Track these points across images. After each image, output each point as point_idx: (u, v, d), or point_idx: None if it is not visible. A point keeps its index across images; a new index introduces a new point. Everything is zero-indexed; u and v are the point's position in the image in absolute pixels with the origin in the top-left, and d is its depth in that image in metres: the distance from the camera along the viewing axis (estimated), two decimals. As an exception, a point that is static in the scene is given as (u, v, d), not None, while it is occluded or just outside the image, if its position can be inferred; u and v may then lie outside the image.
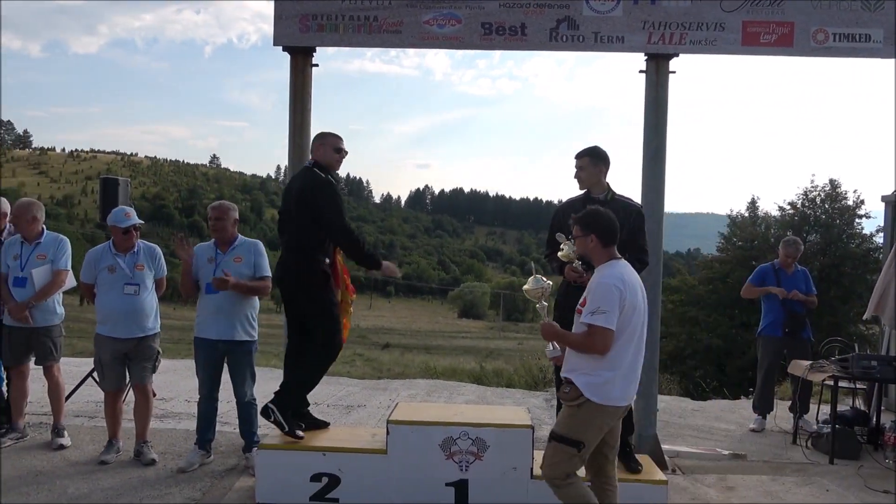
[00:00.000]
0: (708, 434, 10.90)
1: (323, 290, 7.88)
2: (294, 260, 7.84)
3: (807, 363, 10.30)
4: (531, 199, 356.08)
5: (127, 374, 8.94)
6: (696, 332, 37.85)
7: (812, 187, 41.21)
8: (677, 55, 8.98)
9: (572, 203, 7.77)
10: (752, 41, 8.91)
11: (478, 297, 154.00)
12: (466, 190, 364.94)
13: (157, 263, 8.97)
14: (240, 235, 8.79)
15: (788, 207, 41.42)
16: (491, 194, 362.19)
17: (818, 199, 40.76)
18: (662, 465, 8.62)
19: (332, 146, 7.97)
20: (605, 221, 6.16)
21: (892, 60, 8.84)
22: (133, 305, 8.69)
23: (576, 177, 7.76)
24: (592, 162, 7.65)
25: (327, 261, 7.85)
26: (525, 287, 6.67)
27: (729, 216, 44.38)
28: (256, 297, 8.73)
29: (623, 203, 7.67)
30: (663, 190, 9.06)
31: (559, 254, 7.22)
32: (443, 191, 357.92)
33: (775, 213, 42.45)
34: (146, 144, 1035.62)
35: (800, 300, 11.04)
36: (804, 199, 41.06)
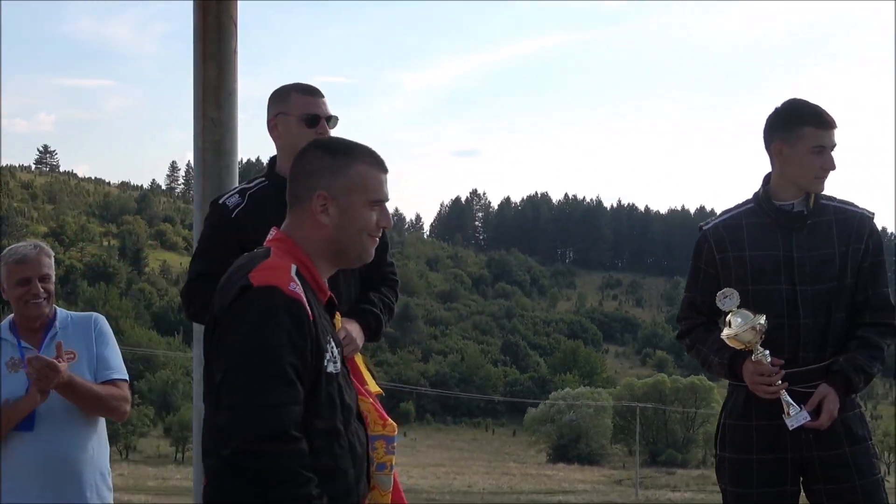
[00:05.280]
0: None
1: None
2: None
3: None
4: (689, 209, 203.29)
5: None
6: None
7: None
8: None
9: (737, 219, 4.29)
10: None
11: (588, 418, 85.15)
12: (555, 197, 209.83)
13: None
14: (59, 309, 4.64)
15: None
16: (608, 204, 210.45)
17: None
18: None
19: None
20: None
21: None
22: None
23: (824, 169, 4.08)
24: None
25: None
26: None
27: None
28: (105, 435, 4.71)
29: (839, 212, 4.20)
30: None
31: (724, 333, 4.08)
32: (508, 200, 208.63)
33: None
34: None
35: None
36: None
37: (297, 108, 4.11)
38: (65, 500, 4.38)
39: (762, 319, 3.92)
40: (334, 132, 4.17)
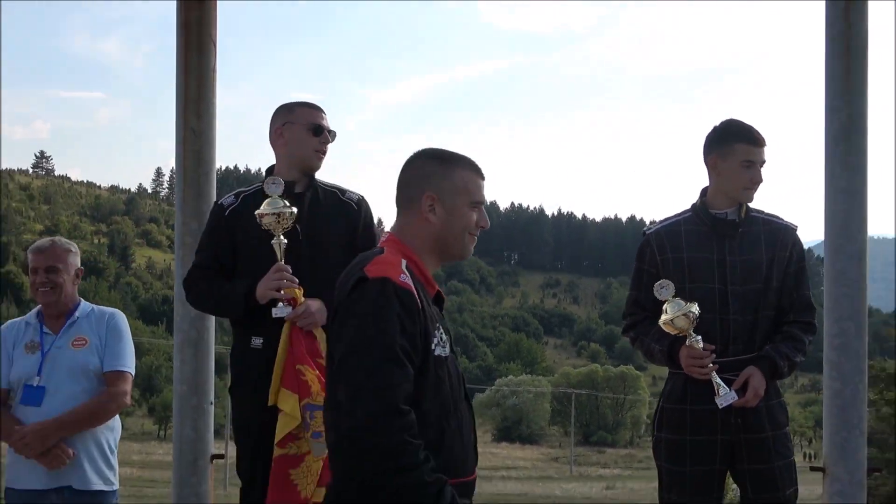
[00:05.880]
0: None
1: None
2: None
3: None
4: (622, 217, 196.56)
5: None
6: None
7: None
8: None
9: (676, 226, 4.23)
10: None
11: (528, 403, 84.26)
12: (502, 206, 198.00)
13: None
14: (83, 301, 4.53)
15: None
16: (549, 212, 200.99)
17: None
18: None
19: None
20: None
21: None
22: None
23: (753, 182, 4.08)
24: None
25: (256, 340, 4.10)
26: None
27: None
28: (115, 418, 4.54)
29: (768, 223, 4.17)
30: (865, 197, 4.59)
31: (661, 319, 3.97)
32: None
33: None
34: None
35: None
36: None
37: (303, 118, 4.11)
38: (65, 476, 4.25)
39: (694, 307, 3.88)
40: (331, 146, 4.17)
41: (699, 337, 3.90)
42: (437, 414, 2.67)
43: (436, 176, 2.84)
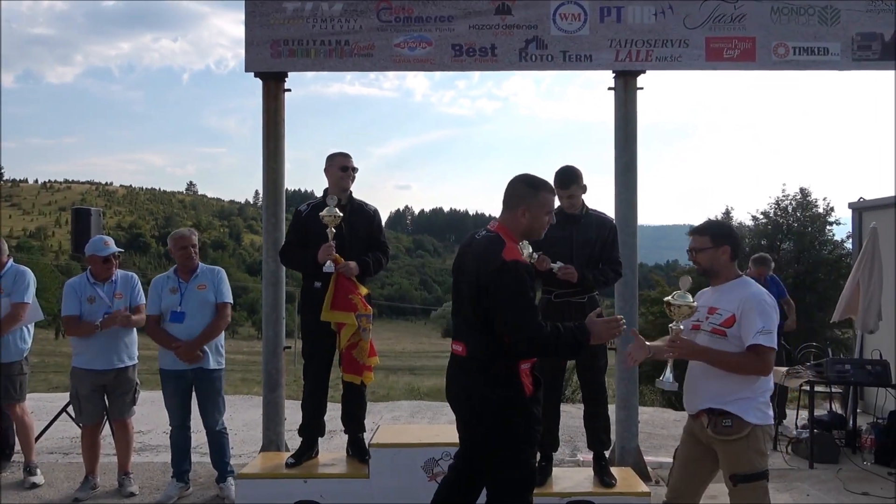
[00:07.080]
0: (690, 444, 5.82)
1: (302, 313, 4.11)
2: None
3: (783, 369, 5.43)
4: None
5: (105, 407, 4.35)
6: (678, 342, 20.18)
7: (783, 196, 22.04)
8: (644, 72, 4.57)
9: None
10: (716, 56, 4.52)
11: None
12: (446, 209, 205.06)
13: (134, 292, 4.32)
14: (200, 263, 4.30)
15: (761, 217, 22.00)
16: (471, 213, 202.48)
17: (790, 208, 21.91)
18: (645, 476, 4.39)
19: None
20: (737, 235, 2.96)
21: (850, 72, 4.59)
22: (113, 336, 4.19)
23: (568, 207, 3.87)
24: (580, 188, 3.89)
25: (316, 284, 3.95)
26: (668, 299, 2.85)
27: (705, 227, 25.31)
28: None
29: (597, 217, 3.97)
30: (636, 202, 4.66)
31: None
32: (423, 211, 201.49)
33: (749, 222, 22.60)
34: (123, 173, 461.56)
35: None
36: (776, 209, 21.92)
37: (337, 162, 4.02)
38: (197, 363, 4.11)
39: (529, 249, 3.58)
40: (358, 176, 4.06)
41: (535, 254, 3.69)
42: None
43: (527, 196, 2.66)
